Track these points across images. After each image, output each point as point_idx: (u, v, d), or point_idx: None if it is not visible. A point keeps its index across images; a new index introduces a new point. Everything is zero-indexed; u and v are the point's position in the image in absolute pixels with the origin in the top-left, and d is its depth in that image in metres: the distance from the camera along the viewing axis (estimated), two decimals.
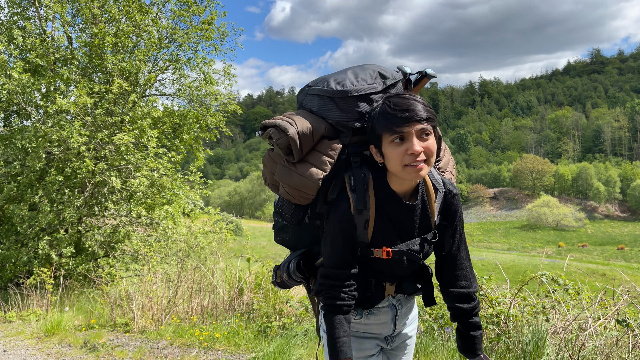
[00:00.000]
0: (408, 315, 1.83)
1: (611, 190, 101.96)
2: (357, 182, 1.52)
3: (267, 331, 4.75)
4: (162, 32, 9.44)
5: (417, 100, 1.44)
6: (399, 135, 1.43)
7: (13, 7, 9.02)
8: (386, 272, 1.66)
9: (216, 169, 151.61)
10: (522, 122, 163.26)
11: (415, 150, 1.41)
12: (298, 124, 1.52)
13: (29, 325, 5.62)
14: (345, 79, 1.56)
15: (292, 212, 1.64)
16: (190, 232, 9.54)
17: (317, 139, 1.55)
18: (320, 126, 1.55)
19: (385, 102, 1.47)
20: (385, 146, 1.46)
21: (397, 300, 1.74)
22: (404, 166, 1.43)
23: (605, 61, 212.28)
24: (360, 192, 1.51)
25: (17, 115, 9.36)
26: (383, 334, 1.78)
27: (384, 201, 1.56)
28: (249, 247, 9.90)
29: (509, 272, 6.70)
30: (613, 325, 3.91)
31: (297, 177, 1.54)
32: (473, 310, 1.71)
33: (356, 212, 1.52)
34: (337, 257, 1.58)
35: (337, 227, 1.56)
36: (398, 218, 1.57)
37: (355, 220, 1.54)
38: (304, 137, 1.52)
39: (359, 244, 1.58)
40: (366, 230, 1.55)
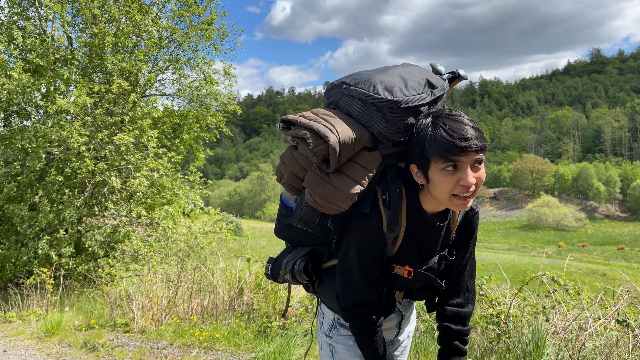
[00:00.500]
0: (410, 318, 1.83)
1: (611, 190, 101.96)
2: (392, 197, 1.42)
3: (267, 331, 4.75)
4: (162, 32, 9.44)
5: (472, 127, 1.31)
6: (453, 164, 1.30)
7: (13, 7, 9.02)
8: (402, 287, 1.64)
9: (216, 169, 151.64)
10: (522, 122, 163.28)
11: (469, 182, 1.30)
12: (340, 133, 1.34)
13: (29, 325, 5.62)
14: (394, 86, 1.38)
15: (317, 220, 1.50)
16: (190, 232, 9.54)
17: (358, 149, 1.40)
18: (363, 136, 1.39)
19: (439, 123, 1.31)
20: (433, 171, 1.33)
21: (402, 306, 1.73)
22: (452, 196, 1.33)
23: (606, 61, 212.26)
24: (395, 208, 1.42)
25: (17, 115, 9.37)
26: (387, 339, 1.75)
27: (414, 219, 1.46)
28: (249, 247, 9.92)
29: (509, 272, 6.70)
30: (613, 325, 3.91)
31: (331, 189, 1.38)
32: (461, 335, 1.63)
33: (389, 230, 1.43)
34: (368, 278, 1.49)
35: (367, 246, 1.45)
36: (424, 237, 1.49)
37: (386, 237, 1.45)
38: (344, 147, 1.35)
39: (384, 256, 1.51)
40: (393, 246, 1.47)
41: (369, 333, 1.52)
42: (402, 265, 1.49)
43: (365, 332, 1.53)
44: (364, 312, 1.50)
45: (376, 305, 1.52)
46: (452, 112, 1.35)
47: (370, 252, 1.46)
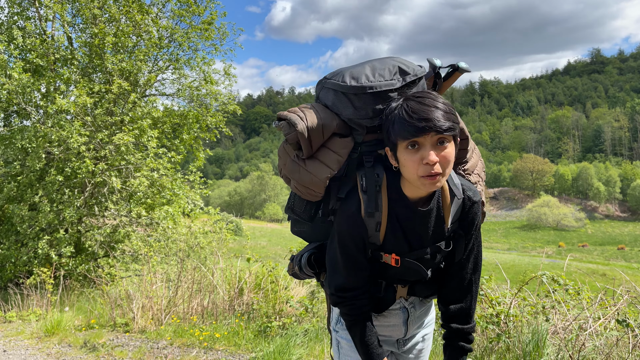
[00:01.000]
0: (423, 318, 1.76)
1: (611, 190, 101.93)
2: (369, 183, 1.44)
3: (267, 331, 4.75)
4: (162, 32, 9.44)
5: (437, 107, 1.32)
6: (414, 142, 1.33)
7: (13, 7, 9.02)
8: (396, 279, 1.61)
9: (216, 169, 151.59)
10: (522, 122, 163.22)
11: (430, 160, 1.31)
12: (308, 119, 1.44)
13: (29, 325, 5.62)
14: (361, 74, 1.44)
15: (303, 207, 1.59)
16: (190, 232, 9.54)
17: (327, 135, 1.47)
18: (332, 123, 1.46)
19: (403, 105, 1.35)
20: (400, 152, 1.36)
21: (409, 303, 1.68)
22: (420, 177, 1.34)
23: (606, 61, 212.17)
24: (372, 193, 1.44)
25: (17, 115, 9.37)
26: (394, 337, 1.72)
27: (396, 205, 1.47)
28: (248, 247, 9.93)
29: (509, 272, 6.70)
30: (613, 325, 3.91)
31: (305, 174, 1.48)
32: (466, 334, 1.61)
33: (367, 215, 1.45)
34: (351, 262, 1.51)
35: (346, 229, 1.48)
36: (410, 224, 1.49)
37: (366, 223, 1.47)
38: (313, 133, 1.44)
39: (370, 245, 1.52)
40: (378, 233, 1.48)
41: (355, 318, 1.55)
42: (390, 253, 1.50)
43: (351, 318, 1.55)
44: (348, 297, 1.53)
45: (359, 290, 1.53)
46: (421, 94, 1.36)
47: (350, 235, 1.48)
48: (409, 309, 1.68)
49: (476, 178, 1.64)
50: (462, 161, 1.61)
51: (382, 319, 1.67)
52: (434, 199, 1.48)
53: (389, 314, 1.67)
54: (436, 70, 1.64)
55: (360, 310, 1.55)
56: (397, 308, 1.67)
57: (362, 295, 1.54)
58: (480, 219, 1.56)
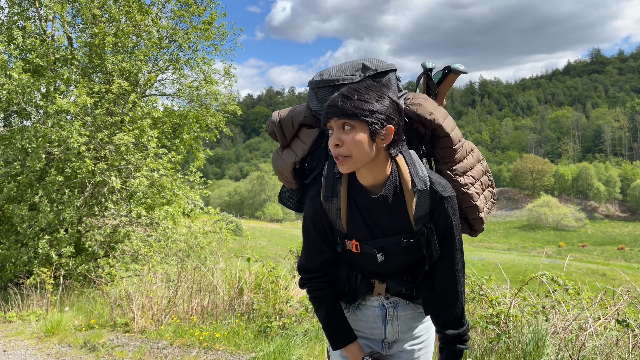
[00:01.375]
0: (412, 325, 1.69)
1: (611, 190, 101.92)
2: (329, 170, 1.52)
3: (267, 331, 4.75)
4: (162, 32, 9.44)
5: (344, 95, 1.37)
6: (330, 127, 1.42)
7: (13, 7, 9.02)
8: (365, 267, 1.60)
9: (216, 169, 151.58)
10: (522, 122, 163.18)
11: (331, 142, 1.38)
12: (281, 113, 1.65)
13: (29, 325, 5.62)
14: (325, 72, 1.59)
15: (288, 195, 1.77)
16: (190, 232, 9.54)
17: (296, 126, 1.63)
18: (300, 115, 1.62)
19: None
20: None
21: (389, 302, 1.65)
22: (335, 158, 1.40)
23: (606, 61, 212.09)
24: (330, 180, 1.51)
25: (17, 116, 9.37)
26: (374, 337, 1.68)
27: (355, 192, 1.51)
28: (249, 247, 9.93)
29: (509, 272, 6.70)
30: (613, 325, 3.91)
31: (279, 161, 1.67)
32: (459, 338, 1.56)
33: (325, 200, 1.52)
34: (312, 246, 1.60)
35: (307, 213, 1.58)
36: (368, 211, 1.50)
37: (325, 208, 1.53)
38: (284, 124, 1.64)
39: (336, 232, 1.56)
40: (340, 220, 1.52)
41: (317, 302, 1.62)
42: (351, 240, 1.54)
43: (313, 300, 1.63)
44: (306, 278, 1.62)
45: (318, 273, 1.60)
46: (352, 86, 1.42)
47: (311, 218, 1.56)
48: (387, 307, 1.65)
49: (468, 180, 1.60)
50: (448, 160, 1.59)
51: (360, 313, 1.67)
52: (387, 187, 1.46)
53: (366, 309, 1.66)
54: (426, 72, 1.69)
55: (318, 293, 1.60)
56: (375, 305, 1.65)
57: (320, 279, 1.60)
58: (453, 217, 1.49)
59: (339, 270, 1.65)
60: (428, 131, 1.57)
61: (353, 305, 1.67)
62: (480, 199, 1.63)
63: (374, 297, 1.65)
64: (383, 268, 1.58)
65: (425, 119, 1.52)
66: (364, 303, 1.66)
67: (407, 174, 1.46)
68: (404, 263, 1.58)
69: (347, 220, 1.52)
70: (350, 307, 1.68)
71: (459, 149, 1.58)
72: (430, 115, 1.52)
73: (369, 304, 1.66)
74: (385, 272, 1.60)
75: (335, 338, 1.61)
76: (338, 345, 1.61)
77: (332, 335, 1.61)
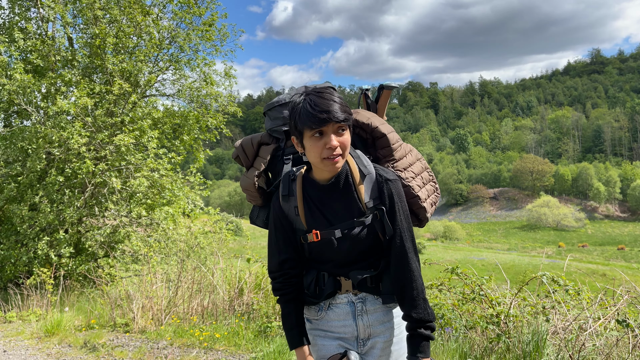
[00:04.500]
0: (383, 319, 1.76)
1: (611, 191, 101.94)
2: (285, 174, 1.74)
3: (267, 331, 4.75)
4: (163, 33, 9.44)
5: (334, 101, 1.56)
6: (318, 131, 1.55)
7: (14, 8, 9.02)
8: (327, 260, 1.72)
9: (216, 169, 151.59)
10: (522, 122, 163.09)
11: (333, 145, 1.54)
12: (244, 139, 1.91)
13: (29, 325, 5.62)
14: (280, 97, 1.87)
15: (256, 214, 1.93)
16: (190, 232, 9.54)
17: (256, 145, 1.86)
18: (258, 136, 1.88)
19: (306, 99, 1.58)
20: (306, 140, 1.59)
21: (358, 298, 1.74)
22: (323, 159, 1.57)
23: (606, 61, 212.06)
24: (286, 181, 1.72)
25: (17, 116, 9.37)
26: (347, 335, 1.75)
27: (309, 190, 1.70)
28: (249, 247, 9.93)
29: (509, 273, 6.71)
30: (613, 326, 3.91)
31: (244, 179, 1.86)
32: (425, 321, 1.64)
33: (283, 200, 1.71)
34: (273, 247, 1.77)
35: (271, 217, 1.76)
36: (323, 203, 1.69)
37: (284, 208, 1.72)
38: (246, 146, 1.88)
39: (297, 231, 1.72)
40: (298, 217, 1.70)
41: (278, 300, 1.78)
42: (311, 231, 1.68)
43: (277, 296, 1.78)
44: (271, 277, 1.79)
45: (278, 272, 1.75)
46: (320, 89, 1.61)
47: (272, 219, 1.76)
48: (356, 303, 1.74)
49: (409, 174, 1.81)
50: (389, 159, 1.82)
51: (332, 313, 1.76)
52: (338, 175, 1.67)
53: (336, 307, 1.75)
54: (363, 92, 2.00)
55: (276, 292, 1.77)
56: (344, 302, 1.74)
57: (279, 279, 1.75)
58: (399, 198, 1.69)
59: (306, 275, 1.77)
60: (369, 135, 1.82)
61: (324, 305, 1.76)
62: (422, 192, 1.82)
63: (342, 295, 1.74)
64: (344, 256, 1.70)
65: (363, 122, 1.79)
66: (333, 302, 1.75)
67: (354, 165, 1.71)
68: (362, 248, 1.69)
69: (305, 216, 1.70)
70: (321, 309, 1.77)
71: (398, 149, 1.82)
72: (367, 119, 1.79)
73: (338, 302, 1.75)
74: (347, 260, 1.71)
75: (288, 338, 1.76)
76: (290, 345, 1.75)
77: (291, 336, 1.75)
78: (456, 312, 4.69)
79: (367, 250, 1.71)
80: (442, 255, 42.39)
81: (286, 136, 1.83)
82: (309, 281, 1.75)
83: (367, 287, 1.73)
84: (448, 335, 4.33)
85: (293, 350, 1.76)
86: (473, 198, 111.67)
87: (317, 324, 1.78)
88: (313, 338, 1.78)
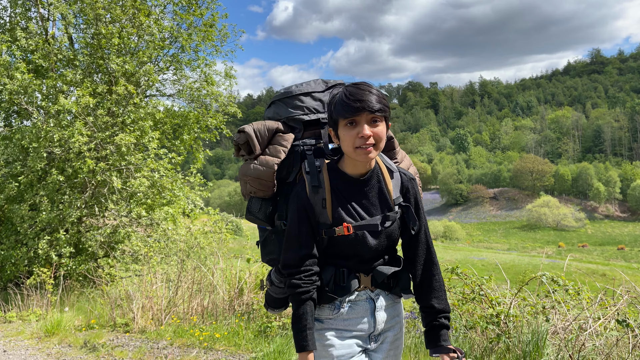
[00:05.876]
0: (392, 314, 1.81)
1: (611, 191, 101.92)
2: (310, 165, 1.70)
3: (267, 331, 4.75)
4: (164, 33, 9.43)
5: (371, 92, 1.58)
6: (352, 120, 1.57)
7: (15, 8, 9.01)
8: (352, 256, 1.69)
9: (216, 169, 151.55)
10: (522, 122, 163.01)
11: (365, 134, 1.55)
12: (255, 124, 1.82)
13: (29, 325, 5.62)
14: (290, 87, 1.87)
15: (258, 207, 1.80)
16: (190, 232, 9.53)
17: (271, 133, 1.80)
18: (274, 124, 1.81)
19: (343, 90, 1.61)
20: (340, 129, 1.61)
21: (375, 295, 1.76)
22: (355, 148, 1.58)
23: (605, 61, 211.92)
24: (314, 172, 1.68)
25: (17, 116, 9.36)
26: (364, 332, 1.75)
27: (338, 182, 1.69)
28: (249, 247, 9.92)
29: (509, 272, 6.71)
30: (613, 326, 3.91)
31: (256, 168, 1.75)
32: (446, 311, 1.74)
33: (312, 191, 1.66)
34: (293, 240, 1.68)
35: (294, 209, 1.68)
36: (354, 197, 1.69)
37: (311, 200, 1.67)
38: (261, 132, 1.79)
39: (321, 225, 1.67)
40: (325, 209, 1.66)
41: (294, 298, 1.65)
42: (341, 225, 1.66)
43: (291, 297, 1.66)
44: (286, 274, 1.68)
45: (297, 268, 1.65)
46: (358, 83, 1.64)
47: (297, 211, 1.68)
48: (375, 299, 1.75)
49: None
50: (393, 157, 1.92)
51: (351, 311, 1.72)
52: (372, 171, 1.71)
53: (356, 305, 1.73)
54: None
55: (294, 289, 1.64)
56: (363, 299, 1.74)
57: (298, 275, 1.65)
58: (420, 194, 1.81)
59: (323, 273, 1.70)
60: None
61: (342, 302, 1.72)
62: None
63: (361, 292, 1.74)
64: (372, 251, 1.70)
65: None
66: (352, 299, 1.73)
67: (381, 162, 1.76)
68: (389, 243, 1.73)
69: (332, 210, 1.67)
70: (337, 307, 1.72)
71: (399, 152, 1.94)
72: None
73: (358, 299, 1.73)
74: (372, 256, 1.72)
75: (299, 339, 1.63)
76: (299, 348, 1.63)
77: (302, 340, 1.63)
78: (456, 312, 4.69)
79: (391, 245, 1.75)
80: (442, 255, 42.37)
81: (304, 127, 1.82)
82: (328, 278, 1.69)
83: (383, 283, 1.76)
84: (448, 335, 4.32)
85: (299, 353, 1.64)
86: (473, 198, 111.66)
87: (330, 323, 1.72)
88: (325, 338, 1.70)
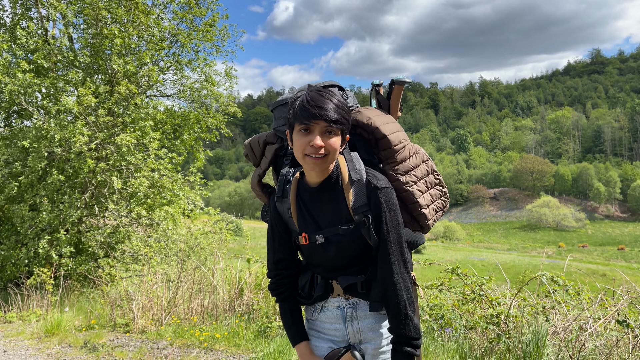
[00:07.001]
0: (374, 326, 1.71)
1: (611, 191, 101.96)
2: (280, 176, 1.74)
3: (267, 331, 4.75)
4: (165, 32, 9.44)
5: (331, 101, 1.51)
6: (306, 127, 1.52)
7: (16, 8, 9.01)
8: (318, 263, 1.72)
9: (216, 170, 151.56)
10: (522, 122, 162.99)
11: (317, 144, 1.50)
12: (252, 138, 1.91)
13: (29, 325, 5.62)
14: (282, 96, 1.84)
15: (266, 211, 1.90)
16: (190, 232, 9.53)
17: (262, 145, 1.88)
18: (263, 136, 1.88)
19: (307, 93, 1.55)
20: (295, 134, 1.56)
21: (349, 304, 1.71)
22: (304, 155, 1.53)
23: (606, 61, 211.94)
24: (281, 183, 1.72)
25: (17, 116, 9.36)
26: (338, 339, 1.75)
27: (303, 192, 1.69)
28: (249, 247, 9.91)
29: (509, 273, 6.71)
30: (613, 326, 3.91)
31: (250, 178, 1.92)
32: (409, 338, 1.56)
33: (277, 200, 1.73)
34: (269, 246, 1.79)
35: (269, 217, 1.79)
36: (313, 205, 1.67)
37: (279, 209, 1.73)
38: (254, 146, 1.89)
39: (292, 232, 1.73)
40: (291, 218, 1.70)
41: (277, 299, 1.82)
42: (301, 234, 1.68)
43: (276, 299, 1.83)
44: (267, 276, 1.83)
45: (273, 272, 1.79)
46: (322, 89, 1.58)
47: (269, 219, 1.78)
48: (346, 308, 1.72)
49: (410, 178, 1.71)
50: (391, 161, 1.72)
51: (323, 315, 1.77)
52: (327, 178, 1.64)
53: (328, 310, 1.75)
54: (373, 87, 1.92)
55: (272, 292, 1.81)
56: (335, 306, 1.73)
57: (274, 278, 1.79)
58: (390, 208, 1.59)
59: (302, 276, 1.79)
60: (371, 136, 1.74)
61: (318, 307, 1.78)
62: (424, 197, 1.74)
63: (334, 299, 1.73)
64: (331, 260, 1.68)
65: (364, 123, 1.71)
66: (326, 305, 1.76)
67: (345, 169, 1.65)
68: (350, 253, 1.65)
69: (297, 218, 1.69)
70: (315, 310, 1.79)
71: (401, 150, 1.73)
72: (368, 119, 1.72)
73: (330, 306, 1.75)
74: (335, 265, 1.69)
75: (288, 335, 1.80)
76: (291, 342, 1.79)
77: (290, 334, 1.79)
78: (456, 312, 4.69)
79: (356, 255, 1.65)
80: (442, 255, 42.38)
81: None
82: (303, 282, 1.77)
83: (358, 292, 1.68)
84: (448, 335, 4.33)
85: (294, 347, 1.79)
86: (473, 198, 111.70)
87: (312, 324, 1.81)
88: (310, 336, 1.81)
